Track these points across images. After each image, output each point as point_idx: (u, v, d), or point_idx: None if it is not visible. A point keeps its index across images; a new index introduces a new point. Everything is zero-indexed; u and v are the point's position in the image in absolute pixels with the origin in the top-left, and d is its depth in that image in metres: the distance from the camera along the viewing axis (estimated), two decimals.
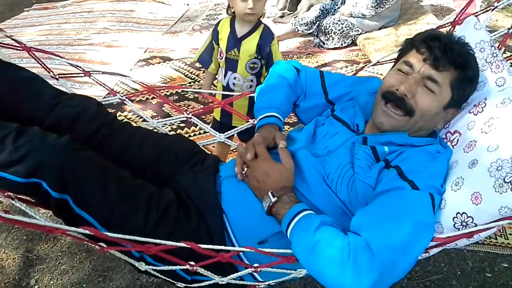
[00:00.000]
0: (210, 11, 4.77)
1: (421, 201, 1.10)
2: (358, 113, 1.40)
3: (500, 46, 1.56)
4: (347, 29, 3.59)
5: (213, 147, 2.57)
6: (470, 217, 1.08)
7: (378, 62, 1.92)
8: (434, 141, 1.29)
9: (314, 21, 3.74)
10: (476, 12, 1.63)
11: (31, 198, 1.25)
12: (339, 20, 3.60)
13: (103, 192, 1.19)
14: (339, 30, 3.59)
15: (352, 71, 3.31)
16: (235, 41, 1.99)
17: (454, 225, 1.10)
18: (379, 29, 3.63)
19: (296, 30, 3.82)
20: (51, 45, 4.29)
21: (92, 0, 5.34)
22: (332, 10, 3.79)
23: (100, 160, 1.27)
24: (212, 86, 3.29)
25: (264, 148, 1.32)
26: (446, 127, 1.34)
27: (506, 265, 1.86)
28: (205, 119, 2.84)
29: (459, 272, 1.85)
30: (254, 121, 1.67)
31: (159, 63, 3.76)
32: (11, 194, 1.20)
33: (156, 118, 2.87)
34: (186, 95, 3.21)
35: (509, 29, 1.52)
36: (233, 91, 2.06)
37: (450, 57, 1.22)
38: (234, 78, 2.07)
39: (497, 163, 1.06)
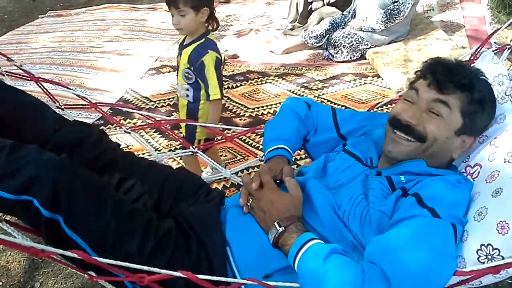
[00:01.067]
0: (221, 22, 4.74)
1: (443, 230, 1.02)
2: (371, 148, 1.35)
3: None
4: (356, 43, 3.61)
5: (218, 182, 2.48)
6: (496, 249, 0.99)
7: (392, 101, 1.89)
8: (454, 172, 1.24)
9: (324, 34, 3.77)
10: (495, 51, 1.62)
11: (20, 218, 1.18)
12: (348, 34, 3.63)
13: (98, 213, 1.11)
14: (348, 43, 3.61)
15: (361, 84, 3.33)
16: (180, 49, 2.13)
17: (478, 258, 1.01)
18: (389, 43, 3.65)
19: (306, 42, 3.85)
20: (63, 51, 4.37)
21: (105, 8, 5.44)
22: (342, 24, 3.81)
23: (98, 180, 1.21)
24: None
25: (270, 177, 1.25)
26: (465, 161, 1.28)
27: None
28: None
29: None
30: (262, 156, 1.62)
31: (169, 72, 3.80)
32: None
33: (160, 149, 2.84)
34: None
35: None
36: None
37: (454, 80, 1.18)
38: (176, 84, 2.20)
39: None
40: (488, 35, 2.30)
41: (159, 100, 3.36)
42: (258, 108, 3.13)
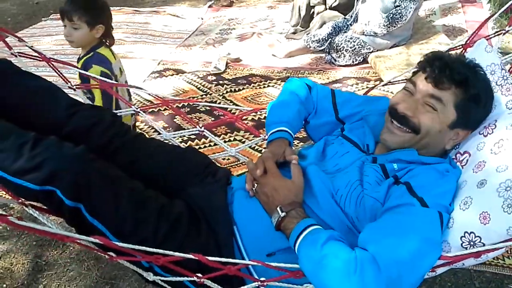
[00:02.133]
0: (223, 26, 4.83)
1: (430, 218, 1.10)
2: (368, 134, 1.42)
3: (511, 69, 1.57)
4: (358, 47, 3.62)
5: (223, 159, 2.60)
6: (478, 236, 1.08)
7: (389, 82, 1.95)
8: (443, 160, 1.30)
9: (326, 38, 3.78)
10: (488, 35, 1.65)
11: (44, 205, 1.28)
12: (351, 38, 3.64)
13: (115, 202, 1.21)
14: (350, 47, 3.62)
15: (363, 88, 3.33)
16: (78, 61, 2.23)
17: (461, 244, 1.11)
18: (391, 47, 3.66)
19: (308, 46, 3.86)
20: (66, 54, 4.36)
21: None
22: (344, 28, 3.83)
23: (113, 171, 1.30)
24: (224, 100, 3.34)
25: (273, 163, 1.34)
26: (456, 147, 1.35)
27: None
28: (217, 132, 2.87)
29: None
30: (265, 135, 1.69)
31: (172, 75, 3.81)
32: (24, 201, 1.23)
33: (168, 129, 2.91)
34: (198, 108, 3.25)
35: None
36: None
37: (449, 75, 1.23)
38: None
39: (506, 184, 1.07)
40: (490, 39, 2.31)
41: (161, 105, 3.36)
42: (261, 112, 3.13)
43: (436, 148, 1.33)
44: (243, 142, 2.66)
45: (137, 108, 1.93)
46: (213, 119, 3.09)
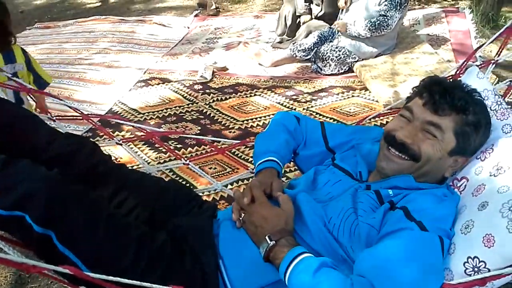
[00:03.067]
0: (210, 35, 4.84)
1: (430, 243, 1.04)
2: (360, 162, 1.36)
3: (503, 97, 1.57)
4: (344, 56, 3.65)
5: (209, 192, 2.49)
6: (482, 261, 1.01)
7: (379, 114, 1.94)
8: (440, 186, 1.26)
9: (312, 47, 3.80)
10: (480, 65, 1.64)
11: (12, 233, 1.18)
12: (336, 47, 3.67)
13: (91, 228, 1.11)
14: (336, 57, 3.65)
15: (348, 97, 3.36)
16: None
17: (465, 271, 1.03)
18: (376, 56, 3.70)
19: (294, 55, 3.88)
20: (51, 63, 4.35)
21: (94, 20, 5.43)
22: (330, 37, 3.85)
23: (91, 195, 1.20)
24: (211, 109, 3.33)
25: (261, 191, 1.26)
26: (452, 174, 1.30)
27: None
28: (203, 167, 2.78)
29: None
30: (253, 169, 1.63)
31: (158, 84, 3.80)
32: None
33: (153, 148, 2.85)
34: (184, 117, 3.24)
35: (511, 81, 1.54)
36: None
37: (450, 101, 1.19)
38: None
39: (509, 204, 1.02)
40: (473, 49, 2.34)
41: (148, 112, 3.36)
42: (247, 120, 3.14)
43: (435, 176, 1.27)
44: (231, 171, 2.59)
45: (119, 141, 1.88)
46: (199, 128, 3.08)
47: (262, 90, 3.57)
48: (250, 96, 3.52)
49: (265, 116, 3.19)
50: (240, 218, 1.23)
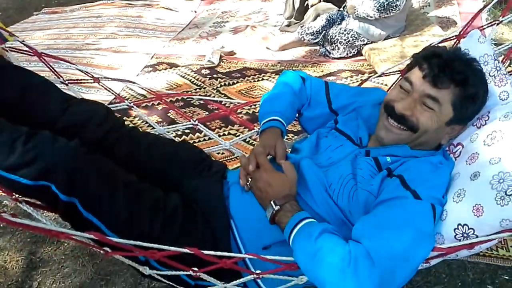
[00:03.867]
0: (217, 19, 4.80)
1: (423, 211, 1.11)
2: (361, 126, 1.41)
3: (504, 59, 1.57)
4: (352, 39, 3.61)
5: (218, 153, 2.59)
6: (471, 228, 1.09)
7: (383, 73, 1.94)
8: (436, 152, 1.31)
9: (320, 31, 3.76)
10: (482, 26, 1.64)
11: (39, 201, 1.27)
12: (345, 30, 3.62)
13: (110, 196, 1.21)
14: (344, 40, 3.61)
15: (358, 80, 3.33)
16: None
17: (455, 236, 1.12)
18: (385, 39, 3.65)
19: (302, 39, 3.85)
20: (59, 49, 4.34)
21: (101, 5, 5.40)
22: (338, 20, 3.81)
23: (108, 164, 1.29)
24: (218, 94, 3.33)
25: (265, 158, 1.35)
26: (449, 140, 1.35)
27: (507, 278, 1.85)
28: (210, 126, 2.87)
29: (459, 283, 1.85)
30: (259, 129, 1.69)
31: (165, 69, 3.79)
32: (18, 197, 1.22)
33: (162, 124, 2.90)
34: (192, 102, 3.23)
35: None
36: None
37: (449, 74, 1.21)
38: None
39: (499, 176, 1.07)
40: (484, 31, 2.29)
41: (155, 100, 3.34)
42: (255, 105, 3.12)
43: (432, 144, 1.33)
44: (237, 136, 2.66)
45: (130, 103, 1.92)
46: (207, 113, 3.08)
47: (270, 74, 3.55)
48: (258, 80, 3.50)
49: None
50: (247, 184, 1.32)
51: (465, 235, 1.10)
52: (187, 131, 2.83)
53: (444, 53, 1.28)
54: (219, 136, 2.58)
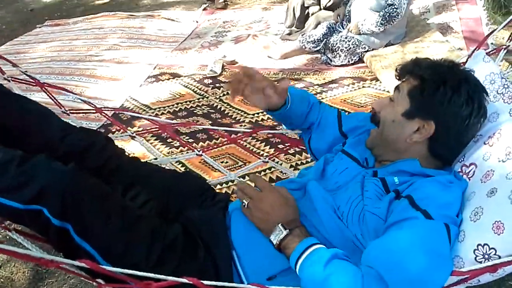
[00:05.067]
0: (218, 28, 4.84)
1: (436, 231, 1.04)
2: (367, 148, 1.37)
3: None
4: (353, 47, 3.63)
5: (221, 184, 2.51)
6: (492, 248, 1.00)
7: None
8: (446, 172, 1.25)
9: (321, 39, 3.78)
10: (488, 52, 1.63)
11: (30, 227, 1.21)
12: (346, 38, 3.64)
13: (105, 221, 1.15)
14: (346, 47, 3.63)
15: (359, 87, 3.34)
16: None
17: (475, 258, 1.03)
18: (386, 46, 3.67)
19: (304, 47, 3.87)
20: (62, 61, 4.38)
21: (103, 17, 5.45)
22: (339, 28, 3.83)
23: (105, 189, 1.23)
24: (221, 103, 3.34)
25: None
26: (461, 160, 1.28)
27: None
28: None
29: None
30: (265, 157, 1.64)
31: (168, 79, 3.81)
32: (8, 224, 1.18)
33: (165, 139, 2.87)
34: (195, 111, 3.25)
35: None
36: None
37: (408, 68, 1.26)
38: None
39: None
40: (484, 35, 2.31)
41: (159, 108, 3.38)
42: (258, 113, 3.14)
43: (397, 143, 1.26)
44: (243, 164, 2.58)
45: (132, 133, 1.91)
46: (210, 122, 3.09)
47: None
48: None
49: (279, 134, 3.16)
50: (245, 202, 1.22)
51: (486, 256, 1.00)
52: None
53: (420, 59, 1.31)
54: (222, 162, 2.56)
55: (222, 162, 2.57)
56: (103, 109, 1.88)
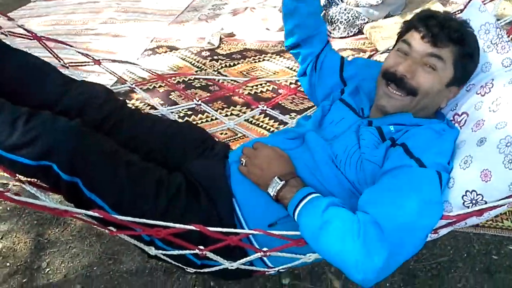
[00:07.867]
0: (216, 1, 4.76)
1: (428, 179, 1.09)
2: (363, 98, 1.40)
3: (508, 34, 1.55)
4: (353, 18, 3.59)
5: (221, 134, 2.59)
6: (479, 194, 1.08)
7: (388, 50, 1.92)
8: (440, 121, 1.29)
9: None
10: (484, 1, 1.62)
11: (42, 181, 1.26)
12: (345, 9, 3.60)
13: (112, 174, 1.20)
14: (345, 19, 3.58)
15: None
16: None
17: (463, 203, 1.10)
18: (385, 17, 3.62)
19: None
20: (58, 35, 4.30)
21: None
22: (337, 1, 3.78)
23: (110, 144, 1.27)
24: (219, 75, 3.32)
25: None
26: (453, 109, 1.34)
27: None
28: (212, 107, 2.86)
29: (465, 255, 1.86)
30: (262, 106, 1.66)
31: (165, 52, 3.77)
32: (22, 178, 1.22)
33: (164, 106, 2.88)
34: (193, 84, 3.22)
35: None
36: None
37: (447, 33, 1.22)
38: None
39: (506, 140, 1.06)
40: (487, 6, 2.27)
41: (157, 80, 3.33)
42: (256, 85, 3.11)
43: (433, 108, 1.32)
44: (240, 117, 2.66)
45: (132, 85, 1.91)
46: (209, 94, 3.07)
47: (271, 55, 3.53)
48: (259, 61, 3.48)
49: (274, 81, 3.15)
50: (242, 160, 1.30)
51: (473, 201, 1.08)
52: (189, 112, 2.82)
53: (438, 14, 1.29)
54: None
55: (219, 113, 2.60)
56: (101, 60, 1.88)
